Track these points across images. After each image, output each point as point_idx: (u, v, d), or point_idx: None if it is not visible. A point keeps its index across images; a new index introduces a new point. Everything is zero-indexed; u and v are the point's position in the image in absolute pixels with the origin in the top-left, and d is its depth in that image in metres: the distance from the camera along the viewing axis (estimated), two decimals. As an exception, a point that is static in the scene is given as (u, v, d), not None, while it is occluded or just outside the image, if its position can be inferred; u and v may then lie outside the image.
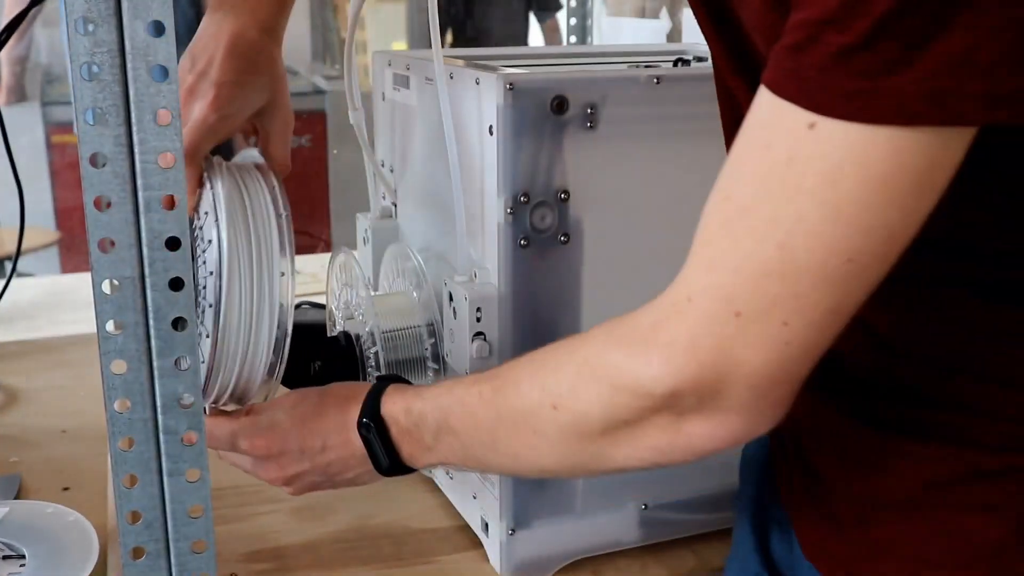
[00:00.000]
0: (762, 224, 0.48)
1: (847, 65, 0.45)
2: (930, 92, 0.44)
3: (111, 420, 0.67)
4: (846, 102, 0.45)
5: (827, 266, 0.48)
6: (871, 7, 0.43)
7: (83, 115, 0.61)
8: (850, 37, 0.44)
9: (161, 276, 0.65)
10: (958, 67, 0.43)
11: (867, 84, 0.44)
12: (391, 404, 0.70)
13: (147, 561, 0.70)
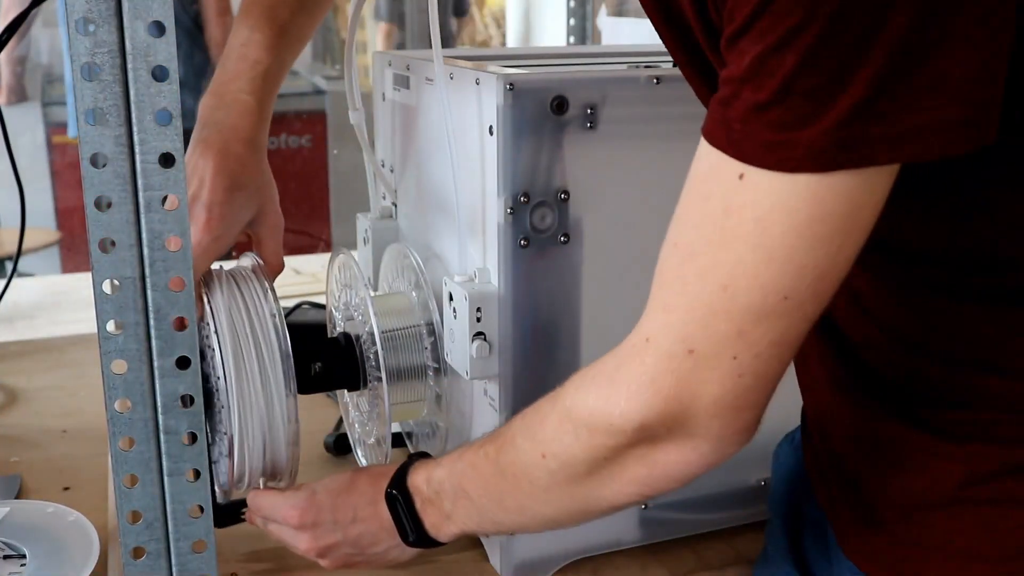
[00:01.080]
0: (706, 268, 0.53)
1: (764, 119, 0.49)
2: (838, 141, 0.47)
3: (111, 420, 0.67)
4: (767, 153, 0.49)
5: (766, 304, 0.52)
6: (778, 67, 0.47)
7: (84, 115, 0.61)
8: (764, 94, 0.48)
9: (161, 276, 0.65)
10: (860, 116, 0.47)
11: (783, 136, 0.48)
12: (415, 475, 0.74)
13: (147, 561, 0.70)
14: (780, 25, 0.47)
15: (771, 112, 0.49)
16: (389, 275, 0.96)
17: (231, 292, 0.79)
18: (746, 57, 0.49)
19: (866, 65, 0.46)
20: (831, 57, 0.47)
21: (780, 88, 0.48)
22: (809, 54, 0.47)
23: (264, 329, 0.78)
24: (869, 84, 0.46)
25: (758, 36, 0.48)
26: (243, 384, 0.76)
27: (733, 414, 0.56)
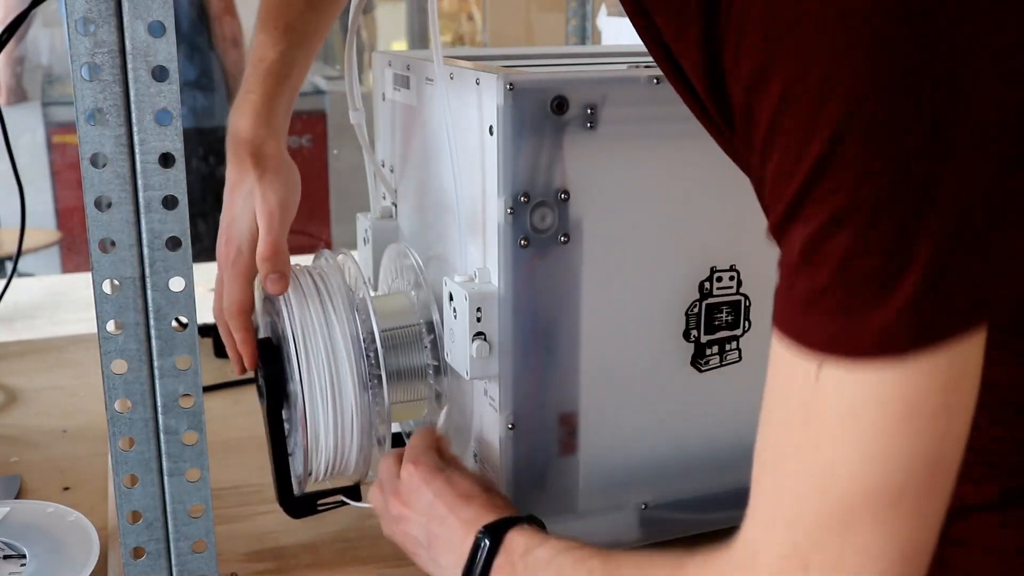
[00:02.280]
0: (800, 474, 0.48)
1: (827, 305, 0.45)
2: (910, 320, 0.44)
3: (112, 420, 0.67)
4: (838, 342, 0.45)
5: (878, 508, 0.46)
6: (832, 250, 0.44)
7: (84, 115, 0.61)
8: (822, 278, 0.45)
9: (161, 276, 0.65)
10: (929, 292, 0.43)
11: (850, 322, 0.45)
12: (517, 535, 0.69)
13: (147, 561, 0.70)
14: (826, 206, 0.44)
15: (833, 297, 0.45)
16: (389, 275, 0.96)
17: (306, 286, 0.81)
18: (797, 242, 0.46)
19: (926, 241, 0.43)
20: (886, 236, 0.43)
21: (839, 270, 0.44)
22: (862, 234, 0.44)
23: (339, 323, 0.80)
24: (934, 260, 0.43)
25: (806, 220, 0.45)
26: (313, 377, 0.78)
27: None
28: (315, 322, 0.79)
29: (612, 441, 0.82)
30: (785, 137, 0.45)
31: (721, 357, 0.83)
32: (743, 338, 0.83)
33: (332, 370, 0.79)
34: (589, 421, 0.81)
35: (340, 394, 0.79)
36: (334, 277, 0.83)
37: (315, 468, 0.81)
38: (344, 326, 0.80)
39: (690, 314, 0.81)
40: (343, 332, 0.80)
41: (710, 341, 0.83)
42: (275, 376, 0.80)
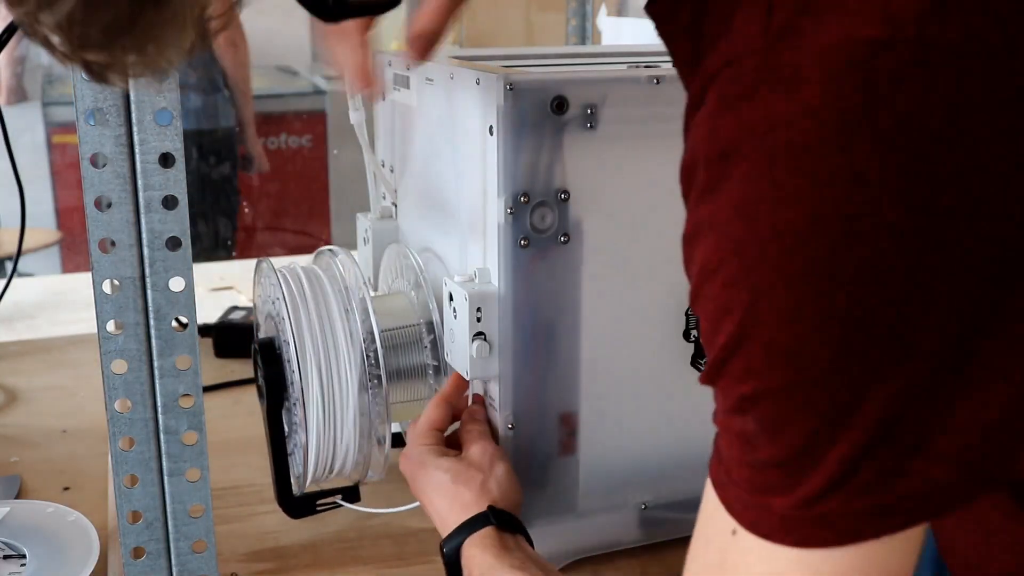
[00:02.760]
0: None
1: (741, 474, 0.45)
2: (814, 516, 0.43)
3: (112, 420, 0.67)
4: (744, 511, 0.45)
5: None
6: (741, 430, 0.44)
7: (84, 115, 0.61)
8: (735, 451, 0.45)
9: (161, 276, 0.65)
10: (836, 491, 0.42)
11: (757, 499, 0.44)
12: (471, 547, 0.71)
13: (147, 561, 0.70)
14: (737, 388, 0.43)
15: (745, 469, 0.44)
16: (389, 275, 0.96)
17: (306, 287, 0.81)
18: (719, 407, 0.46)
19: (838, 442, 0.41)
20: (792, 437, 0.42)
21: (746, 451, 0.44)
22: (767, 427, 0.43)
23: (339, 323, 0.80)
24: (844, 460, 0.41)
25: (721, 392, 0.45)
26: (313, 377, 0.78)
27: None
28: (315, 322, 0.79)
29: (612, 441, 0.82)
30: (704, 304, 0.44)
31: (721, 357, 0.83)
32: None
33: (332, 370, 0.79)
34: (589, 421, 0.81)
35: (340, 394, 0.79)
36: (334, 277, 0.83)
37: (315, 468, 0.81)
38: (344, 326, 0.80)
39: (690, 314, 0.81)
40: (343, 332, 0.80)
41: (710, 341, 0.83)
42: (275, 376, 0.80)
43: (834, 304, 0.40)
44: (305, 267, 0.85)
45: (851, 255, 0.39)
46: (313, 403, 0.78)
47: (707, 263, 0.43)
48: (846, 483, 0.41)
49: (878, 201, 0.38)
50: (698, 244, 0.44)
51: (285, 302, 0.79)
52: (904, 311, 0.39)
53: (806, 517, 0.43)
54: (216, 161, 2.96)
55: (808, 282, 0.40)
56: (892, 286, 0.39)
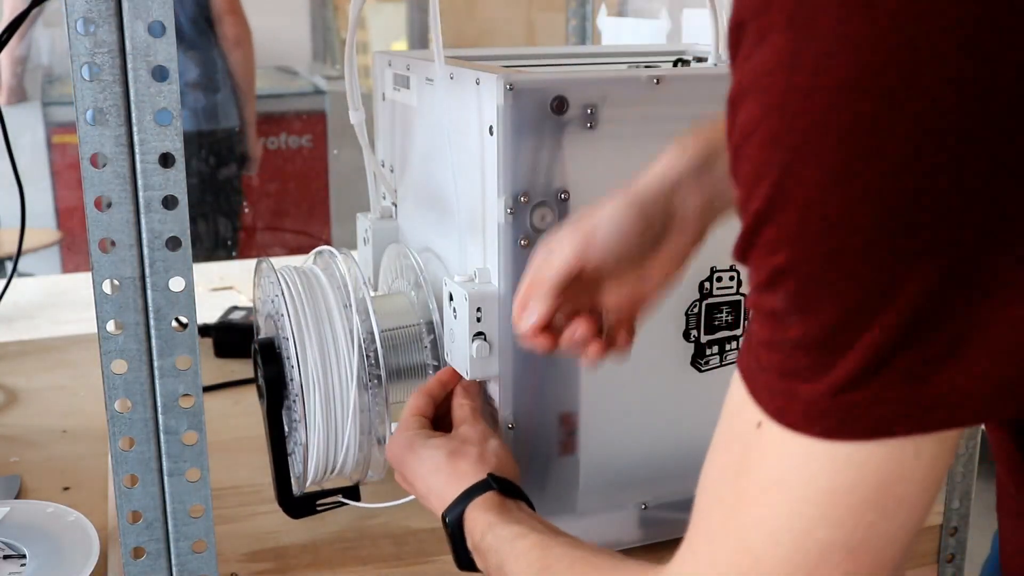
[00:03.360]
0: (727, 521, 0.45)
1: (771, 358, 0.42)
2: (841, 406, 0.40)
3: (111, 420, 0.67)
4: (770, 399, 0.42)
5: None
6: (771, 307, 0.41)
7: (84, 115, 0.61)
8: (765, 331, 0.42)
9: (161, 276, 0.65)
10: (869, 380, 0.39)
11: (784, 384, 0.42)
12: (476, 513, 0.70)
13: (147, 561, 0.70)
14: (768, 261, 0.40)
15: (774, 352, 0.42)
16: (389, 275, 0.96)
17: (306, 287, 0.81)
18: (751, 284, 0.42)
19: (873, 325, 0.38)
20: (825, 312, 0.39)
21: (776, 332, 0.41)
22: (798, 303, 0.40)
23: (339, 323, 0.80)
24: (878, 346, 0.39)
25: (753, 267, 0.42)
26: (313, 377, 0.78)
27: None
28: (315, 322, 0.79)
29: (612, 441, 0.82)
30: (741, 168, 0.41)
31: (721, 357, 0.83)
32: (743, 338, 0.83)
33: (332, 370, 0.79)
34: (589, 421, 0.81)
35: (340, 394, 0.79)
36: (334, 277, 0.83)
37: (315, 468, 0.81)
38: (344, 326, 0.80)
39: (690, 314, 0.81)
40: (343, 332, 0.80)
41: (710, 341, 0.83)
42: (275, 376, 0.80)
43: (882, 165, 0.37)
44: (305, 267, 0.85)
45: (906, 110, 0.36)
46: (313, 402, 0.78)
47: (748, 123, 0.40)
48: (878, 373, 0.39)
49: (942, 50, 0.35)
50: (741, 106, 0.40)
51: (285, 301, 0.79)
52: (958, 176, 0.36)
53: (835, 406, 0.40)
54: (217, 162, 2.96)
55: (855, 138, 0.37)
56: (949, 149, 0.36)
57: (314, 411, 0.78)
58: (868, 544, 0.42)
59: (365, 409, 0.80)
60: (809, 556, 0.43)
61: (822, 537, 0.42)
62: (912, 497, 0.42)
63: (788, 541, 0.43)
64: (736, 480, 0.45)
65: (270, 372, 0.80)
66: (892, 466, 0.41)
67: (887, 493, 0.41)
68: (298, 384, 0.78)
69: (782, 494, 0.43)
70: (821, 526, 0.42)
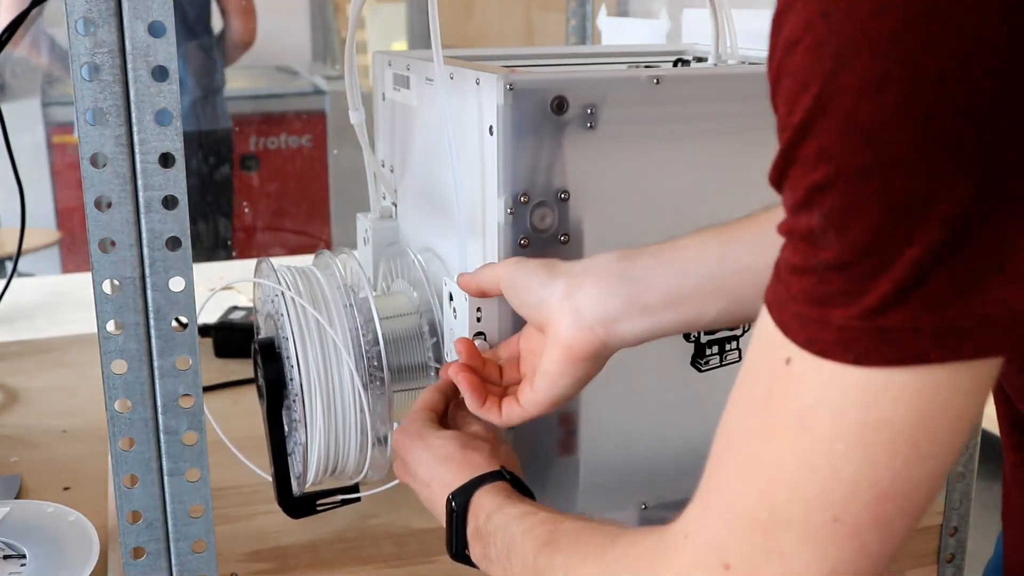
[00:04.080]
0: (745, 466, 0.44)
1: (801, 285, 0.41)
2: (876, 330, 0.39)
3: (111, 420, 0.67)
4: (801, 328, 0.41)
5: (809, 524, 0.42)
6: (807, 228, 0.41)
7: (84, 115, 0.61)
8: (798, 256, 0.41)
9: (161, 276, 0.65)
10: (905, 302, 0.39)
11: (816, 312, 0.41)
12: (483, 498, 0.69)
13: (147, 561, 0.70)
14: (806, 178, 0.40)
15: (805, 278, 0.41)
16: (389, 275, 0.96)
17: (306, 287, 0.81)
18: (786, 208, 0.41)
19: (911, 242, 0.38)
20: (861, 231, 0.38)
21: (810, 255, 0.40)
22: (836, 220, 0.39)
23: (339, 323, 0.80)
24: (916, 264, 0.38)
25: (790, 187, 0.41)
26: (313, 377, 0.78)
27: None
28: (316, 322, 0.79)
29: (612, 441, 0.82)
30: (784, 84, 0.40)
31: (721, 357, 0.83)
32: (743, 338, 0.83)
33: (332, 370, 0.79)
34: (589, 421, 0.81)
35: (340, 394, 0.79)
36: (335, 277, 0.83)
37: (315, 468, 0.81)
38: (345, 326, 0.80)
39: (690, 314, 0.81)
40: (344, 332, 0.80)
41: (710, 341, 0.83)
42: (275, 376, 0.80)
43: (923, 74, 0.36)
44: (305, 267, 0.85)
45: (951, 20, 0.36)
46: (313, 402, 0.78)
47: (792, 33, 0.39)
48: (916, 293, 0.38)
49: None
50: (786, 20, 0.40)
51: (285, 301, 0.79)
52: (1000, 89, 0.36)
53: (869, 329, 0.39)
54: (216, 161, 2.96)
55: (897, 45, 0.36)
56: (992, 63, 0.36)
57: (314, 411, 0.78)
58: (898, 487, 0.41)
59: (366, 409, 0.80)
60: (835, 497, 0.41)
61: (851, 475, 0.41)
62: (944, 438, 0.41)
63: (813, 482, 0.41)
64: (760, 419, 0.43)
65: (270, 372, 0.80)
66: (926, 399, 0.40)
67: (921, 430, 0.40)
68: (298, 384, 0.78)
69: (809, 430, 0.41)
70: (851, 463, 0.41)
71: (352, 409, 0.79)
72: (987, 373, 0.40)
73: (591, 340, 0.68)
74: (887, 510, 0.41)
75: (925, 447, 0.40)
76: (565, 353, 0.69)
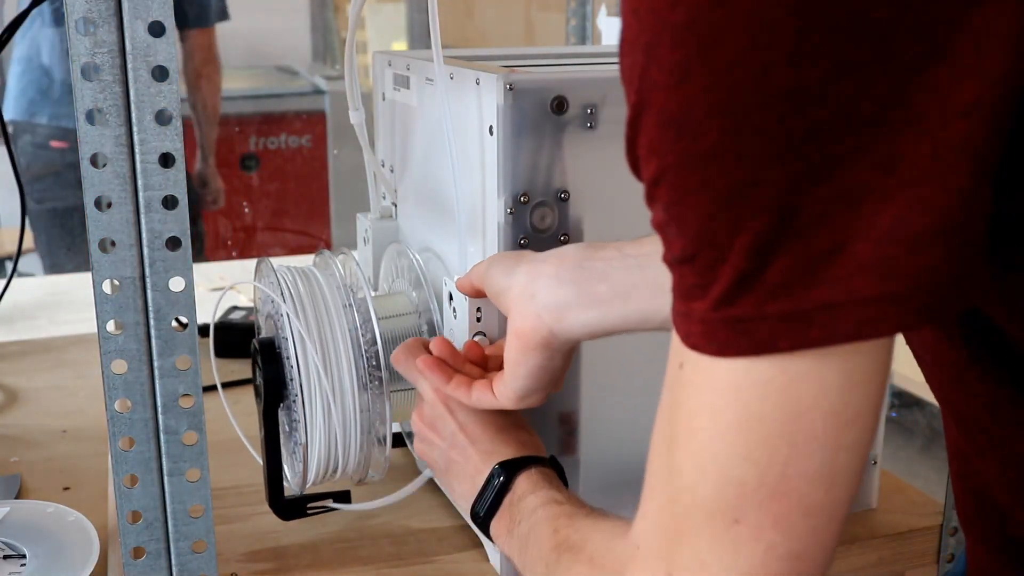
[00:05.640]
0: (661, 476, 0.44)
1: (674, 279, 0.41)
2: (728, 319, 0.39)
3: (111, 420, 0.67)
4: (678, 321, 0.41)
5: (715, 529, 0.42)
6: (656, 221, 0.41)
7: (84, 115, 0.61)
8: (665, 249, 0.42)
9: (161, 276, 0.65)
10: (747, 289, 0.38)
11: (683, 305, 0.41)
12: (526, 478, 0.69)
13: (147, 561, 0.70)
14: (645, 174, 0.40)
15: (673, 274, 0.41)
16: (389, 275, 0.96)
17: (305, 287, 0.81)
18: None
19: (741, 229, 0.38)
20: (695, 218, 0.39)
21: (666, 248, 0.41)
22: (674, 214, 0.39)
23: (339, 323, 0.80)
24: (752, 251, 0.38)
25: (641, 174, 0.41)
26: (313, 377, 0.78)
27: None
28: (315, 322, 0.79)
29: (612, 441, 0.82)
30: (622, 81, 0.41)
31: (721, 357, 0.83)
32: None
33: (332, 370, 0.79)
34: (589, 421, 0.81)
35: (340, 394, 0.79)
36: (334, 277, 0.83)
37: (315, 468, 0.81)
38: (344, 326, 0.80)
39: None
40: (343, 332, 0.80)
41: (710, 341, 0.82)
42: (274, 376, 0.80)
43: (718, 61, 0.36)
44: (305, 267, 0.85)
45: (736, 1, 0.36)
46: (313, 402, 0.78)
47: (621, 34, 0.40)
48: (757, 281, 0.38)
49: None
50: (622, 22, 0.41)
51: (285, 301, 0.79)
52: (794, 72, 0.36)
53: (724, 320, 0.39)
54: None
55: (692, 34, 0.37)
56: (782, 41, 0.36)
57: (314, 411, 0.78)
58: (788, 485, 0.40)
59: (365, 409, 0.80)
60: (730, 499, 0.41)
61: (738, 476, 0.40)
62: (824, 434, 0.40)
63: (707, 485, 0.41)
64: (667, 427, 0.44)
65: (269, 372, 0.80)
66: (792, 392, 0.39)
67: (794, 425, 0.39)
68: (298, 384, 0.78)
69: (696, 433, 0.42)
70: (736, 463, 0.40)
71: (352, 409, 0.79)
72: (860, 366, 0.39)
73: (539, 328, 0.66)
74: (784, 509, 0.41)
75: (804, 443, 0.40)
76: (517, 341, 0.68)
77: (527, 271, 0.68)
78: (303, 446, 0.80)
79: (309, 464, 0.80)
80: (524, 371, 0.68)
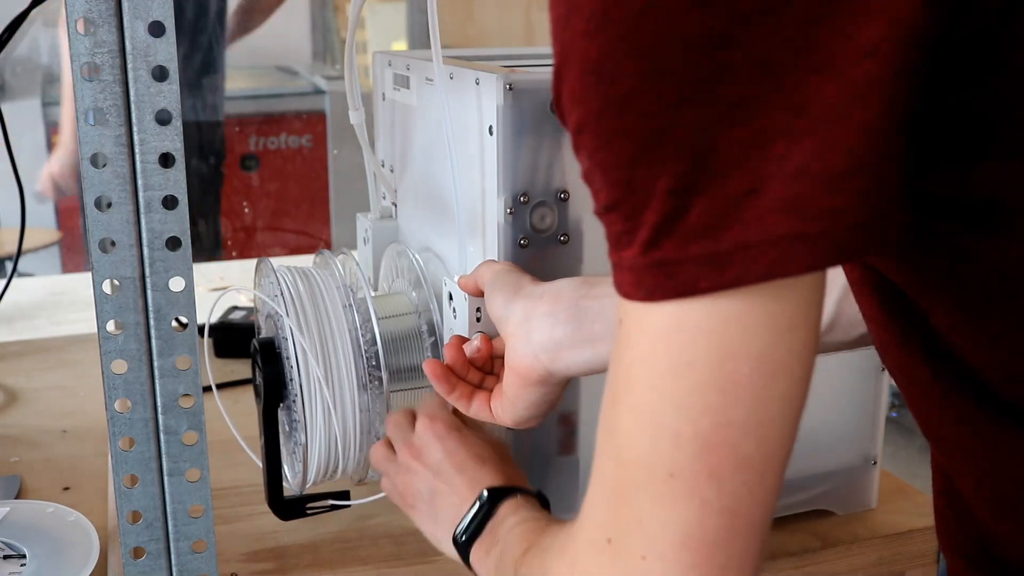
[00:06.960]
0: (604, 439, 0.44)
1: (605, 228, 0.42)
2: (655, 263, 0.40)
3: (111, 420, 0.67)
4: (613, 270, 0.42)
5: (653, 484, 0.41)
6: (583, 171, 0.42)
7: (84, 115, 0.61)
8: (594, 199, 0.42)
9: (161, 276, 0.65)
10: (671, 232, 0.39)
11: (614, 254, 0.42)
12: (511, 502, 0.69)
13: (147, 561, 0.70)
14: (570, 124, 0.41)
15: (603, 221, 0.42)
16: (389, 275, 0.96)
17: (305, 287, 0.81)
18: None
19: (661, 173, 0.38)
20: (617, 164, 0.39)
21: (595, 198, 0.42)
22: (598, 162, 0.40)
23: (338, 323, 0.80)
24: (672, 194, 0.38)
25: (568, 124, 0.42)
26: (313, 377, 0.78)
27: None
28: (315, 323, 0.79)
29: (612, 441, 0.82)
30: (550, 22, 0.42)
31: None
32: None
33: (332, 370, 0.79)
34: (589, 421, 0.81)
35: (340, 394, 0.79)
36: (334, 277, 0.83)
37: (315, 468, 0.81)
38: (344, 326, 0.80)
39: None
40: (343, 332, 0.80)
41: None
42: (274, 376, 0.80)
43: (631, 7, 0.37)
44: (305, 267, 0.85)
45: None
46: (313, 402, 0.78)
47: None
48: (678, 223, 0.39)
49: None
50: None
51: (285, 301, 0.79)
52: (702, 17, 0.37)
53: (651, 265, 0.40)
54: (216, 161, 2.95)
55: None
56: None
57: (314, 411, 0.78)
58: (721, 435, 0.40)
59: (365, 409, 0.80)
60: (665, 451, 0.41)
61: (671, 426, 0.41)
62: (752, 383, 0.40)
63: (644, 439, 0.42)
64: (610, 387, 0.44)
65: (269, 372, 0.80)
66: (718, 337, 0.40)
67: (721, 372, 0.40)
68: (298, 384, 0.78)
69: (632, 385, 0.42)
70: (667, 413, 0.41)
71: (352, 409, 0.79)
72: (784, 310, 0.40)
73: (535, 367, 0.68)
74: (717, 461, 0.41)
75: (732, 392, 0.40)
76: (515, 378, 0.70)
77: (523, 308, 0.69)
78: (303, 446, 0.80)
79: (309, 464, 0.80)
80: (523, 404, 0.70)
